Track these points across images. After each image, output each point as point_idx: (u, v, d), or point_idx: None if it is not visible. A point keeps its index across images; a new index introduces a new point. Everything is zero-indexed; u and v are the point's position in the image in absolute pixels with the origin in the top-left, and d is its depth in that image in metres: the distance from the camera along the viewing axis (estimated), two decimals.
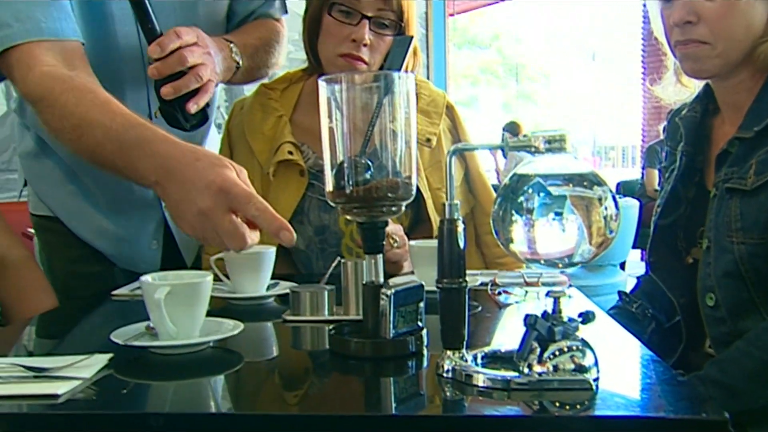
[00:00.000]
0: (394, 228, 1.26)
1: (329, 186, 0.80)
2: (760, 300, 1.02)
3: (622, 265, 4.19)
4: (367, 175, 0.78)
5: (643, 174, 5.67)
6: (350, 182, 0.78)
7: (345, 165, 0.78)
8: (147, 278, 0.81)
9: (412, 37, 0.96)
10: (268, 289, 1.12)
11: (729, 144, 1.07)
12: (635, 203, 3.72)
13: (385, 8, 1.29)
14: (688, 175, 1.17)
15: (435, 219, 1.36)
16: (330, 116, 0.79)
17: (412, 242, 1.15)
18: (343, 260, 0.98)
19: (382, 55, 1.32)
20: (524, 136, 0.67)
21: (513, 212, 0.64)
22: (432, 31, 4.64)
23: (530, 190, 0.64)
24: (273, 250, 1.12)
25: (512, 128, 7.11)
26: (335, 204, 0.81)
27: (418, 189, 0.90)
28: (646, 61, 8.32)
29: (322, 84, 0.80)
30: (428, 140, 1.38)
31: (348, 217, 0.81)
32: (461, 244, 0.70)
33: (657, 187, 5.43)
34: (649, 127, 8.50)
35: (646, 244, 1.29)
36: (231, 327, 0.83)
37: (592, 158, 16.79)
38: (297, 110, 1.43)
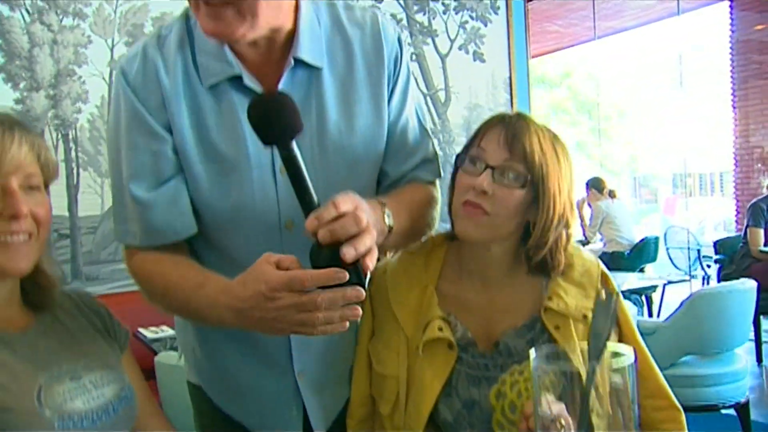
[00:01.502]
0: (559, 409, 1.18)
1: None
2: None
3: None
4: None
5: (745, 232, 5.36)
6: None
7: None
8: None
9: (612, 296, 0.90)
10: None
11: None
12: (752, 285, 3.40)
13: (511, 159, 1.25)
14: None
15: None
16: None
17: None
18: None
19: (508, 209, 1.27)
20: None
21: None
22: (515, 71, 4.92)
23: None
24: None
25: (597, 183, 7.05)
26: None
27: None
28: (737, 94, 7.99)
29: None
30: (584, 317, 1.31)
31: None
32: None
33: (763, 248, 5.14)
34: (740, 155, 8.02)
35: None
36: None
37: (672, 191, 16.20)
38: (441, 278, 1.40)
